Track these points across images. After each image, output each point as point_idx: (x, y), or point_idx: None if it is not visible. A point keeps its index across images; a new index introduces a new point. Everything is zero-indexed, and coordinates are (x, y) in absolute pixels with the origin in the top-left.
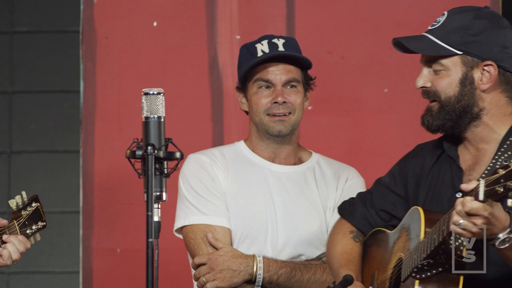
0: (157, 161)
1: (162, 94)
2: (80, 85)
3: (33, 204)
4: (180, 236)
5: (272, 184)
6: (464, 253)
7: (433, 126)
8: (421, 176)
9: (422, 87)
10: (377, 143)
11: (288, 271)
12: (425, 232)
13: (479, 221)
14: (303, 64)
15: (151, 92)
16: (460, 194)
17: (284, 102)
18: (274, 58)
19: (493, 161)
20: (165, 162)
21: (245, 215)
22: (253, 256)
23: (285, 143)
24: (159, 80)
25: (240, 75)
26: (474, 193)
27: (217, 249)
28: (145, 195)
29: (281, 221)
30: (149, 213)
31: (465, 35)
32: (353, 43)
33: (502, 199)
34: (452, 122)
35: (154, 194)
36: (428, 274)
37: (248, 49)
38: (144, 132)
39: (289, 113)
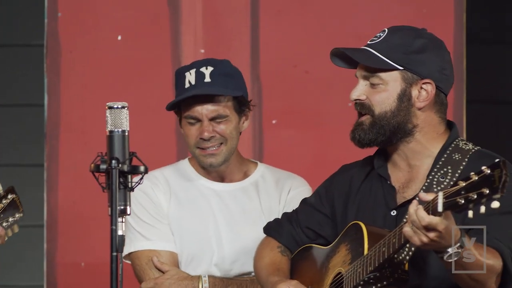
0: (121, 175)
1: (126, 108)
2: (45, 99)
3: (9, 196)
4: (129, 262)
5: (214, 204)
6: (407, 267)
7: (365, 140)
8: (349, 195)
9: (356, 100)
10: (341, 157)
11: None
12: (369, 246)
13: (433, 234)
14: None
15: (115, 106)
16: (395, 212)
17: (212, 136)
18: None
19: (430, 177)
20: (129, 176)
21: (189, 237)
22: (199, 277)
23: (224, 166)
24: (123, 94)
25: (168, 109)
26: (431, 205)
27: (163, 273)
28: (109, 209)
29: (227, 240)
30: (113, 227)
31: (407, 52)
32: (318, 57)
33: (462, 211)
34: (384, 137)
35: (118, 208)
36: (373, 287)
37: (178, 76)
38: (108, 146)
39: (221, 143)
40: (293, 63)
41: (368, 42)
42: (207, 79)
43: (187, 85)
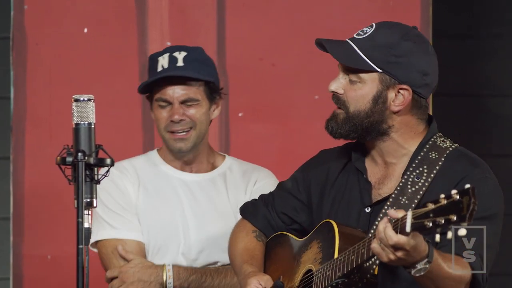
0: (87, 167)
1: (92, 101)
2: (11, 92)
3: None
4: (96, 250)
5: (182, 194)
6: (376, 271)
7: (337, 134)
8: (325, 185)
9: (334, 92)
10: (308, 150)
11: (199, 277)
12: (339, 249)
13: (400, 253)
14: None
15: (81, 99)
16: (369, 209)
17: (182, 119)
18: (169, 77)
19: (405, 177)
20: (96, 169)
21: (156, 227)
22: (163, 266)
23: (192, 153)
24: (89, 86)
25: (140, 92)
26: (400, 223)
27: (128, 262)
28: (76, 201)
29: (193, 230)
30: (80, 220)
31: (388, 54)
32: (284, 50)
33: (429, 234)
34: (356, 134)
35: (84, 200)
36: None
37: (151, 61)
38: (75, 139)
39: (190, 128)
40: (260, 56)
41: (355, 36)
42: (180, 63)
43: (159, 68)
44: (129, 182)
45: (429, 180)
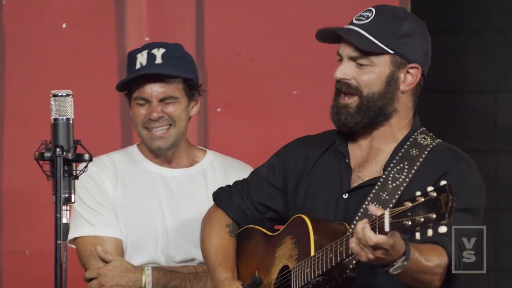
0: (65, 163)
1: (71, 96)
2: None
3: None
4: (74, 247)
5: (160, 190)
6: (355, 265)
7: (351, 123)
8: (303, 172)
9: (342, 79)
10: None
11: (178, 284)
12: (315, 244)
13: (379, 252)
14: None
15: (59, 94)
16: (347, 195)
17: (160, 117)
18: (147, 74)
19: (386, 172)
20: (74, 164)
21: (135, 223)
22: (142, 269)
23: (171, 150)
24: (68, 81)
25: (118, 89)
26: (378, 223)
27: (107, 262)
28: (54, 197)
29: (171, 227)
30: (58, 215)
31: (397, 35)
32: (262, 45)
33: (409, 233)
34: (369, 119)
35: (62, 196)
36: None
37: (130, 58)
38: (53, 134)
39: (170, 125)
40: (238, 51)
41: (355, 21)
42: (158, 60)
43: (138, 66)
44: (107, 178)
45: (410, 176)
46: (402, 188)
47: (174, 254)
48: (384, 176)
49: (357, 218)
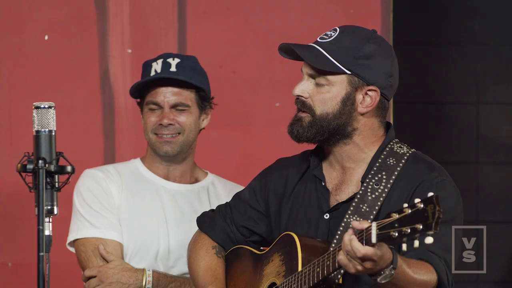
0: (48, 175)
1: (53, 108)
2: None
3: None
4: (73, 250)
5: (165, 200)
6: (341, 281)
7: (302, 137)
8: (283, 195)
9: (299, 96)
10: (268, 157)
11: (178, 285)
12: (303, 261)
13: (368, 264)
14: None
15: (42, 106)
16: (328, 216)
17: (170, 124)
18: (163, 79)
19: (365, 184)
20: (56, 176)
21: (137, 230)
22: (143, 270)
23: (178, 162)
24: (50, 93)
25: (131, 94)
26: (365, 234)
27: (107, 262)
28: (36, 209)
29: (173, 237)
30: (40, 227)
31: (356, 56)
32: (244, 57)
33: (395, 244)
34: (322, 137)
35: (45, 208)
36: None
37: (145, 67)
38: (35, 146)
39: (178, 133)
40: (220, 63)
41: (318, 40)
42: (173, 68)
43: (152, 73)
44: (114, 184)
45: (388, 186)
46: (381, 199)
47: (172, 264)
48: (363, 188)
49: (338, 232)
